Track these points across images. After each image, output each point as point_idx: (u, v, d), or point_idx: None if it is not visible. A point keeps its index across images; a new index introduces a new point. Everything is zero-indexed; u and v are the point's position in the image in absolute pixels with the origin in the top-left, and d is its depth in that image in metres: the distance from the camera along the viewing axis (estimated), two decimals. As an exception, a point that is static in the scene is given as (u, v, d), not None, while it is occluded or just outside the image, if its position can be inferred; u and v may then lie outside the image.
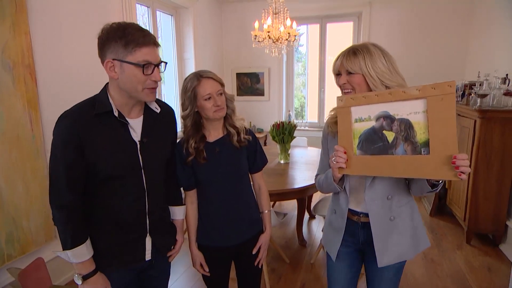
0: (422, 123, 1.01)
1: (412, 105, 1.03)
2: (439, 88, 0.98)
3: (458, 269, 2.52)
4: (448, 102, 0.97)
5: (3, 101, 1.93)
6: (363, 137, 1.12)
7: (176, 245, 1.41)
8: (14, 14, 1.95)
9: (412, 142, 1.04)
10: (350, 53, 1.21)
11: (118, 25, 1.05)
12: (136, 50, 1.03)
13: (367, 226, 1.29)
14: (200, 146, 1.32)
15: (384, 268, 1.29)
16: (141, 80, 1.07)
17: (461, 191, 3.00)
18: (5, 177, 1.96)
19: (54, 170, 1.08)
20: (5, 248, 1.99)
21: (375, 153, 1.10)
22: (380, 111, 1.09)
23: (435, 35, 4.14)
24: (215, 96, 1.30)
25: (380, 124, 1.09)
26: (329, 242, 1.40)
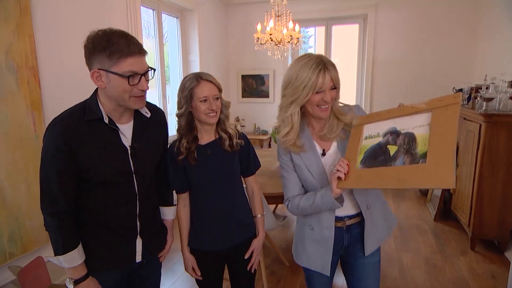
0: (425, 135, 1.02)
1: (418, 119, 1.05)
2: (445, 100, 0.99)
3: (460, 275, 2.48)
4: (451, 112, 0.97)
5: (7, 102, 1.97)
6: (368, 153, 1.13)
7: (166, 245, 1.42)
8: (18, 17, 1.99)
9: (412, 153, 1.03)
10: (332, 67, 1.18)
11: (103, 33, 1.03)
12: (121, 61, 1.02)
13: (351, 228, 1.31)
14: (192, 147, 1.33)
15: (370, 266, 1.33)
16: (127, 90, 1.06)
17: (465, 196, 2.95)
18: (8, 177, 2.00)
19: (45, 177, 1.08)
20: (8, 247, 2.03)
21: (377, 165, 1.09)
22: (388, 127, 1.11)
23: (441, 38, 4.09)
24: (211, 99, 1.30)
25: (386, 139, 1.10)
26: (313, 260, 1.34)
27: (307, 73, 1.15)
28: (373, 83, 4.46)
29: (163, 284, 2.44)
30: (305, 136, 1.29)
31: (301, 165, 1.28)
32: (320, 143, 1.30)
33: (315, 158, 1.27)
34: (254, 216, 1.51)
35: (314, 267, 1.34)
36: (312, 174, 1.26)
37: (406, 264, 2.64)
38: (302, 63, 1.17)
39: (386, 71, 4.37)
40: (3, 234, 1.99)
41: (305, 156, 1.27)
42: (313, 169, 1.26)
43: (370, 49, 4.38)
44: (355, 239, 1.32)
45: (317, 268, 1.34)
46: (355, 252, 1.34)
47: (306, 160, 1.27)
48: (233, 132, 1.39)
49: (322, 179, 1.26)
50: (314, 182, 1.27)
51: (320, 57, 1.17)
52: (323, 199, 1.19)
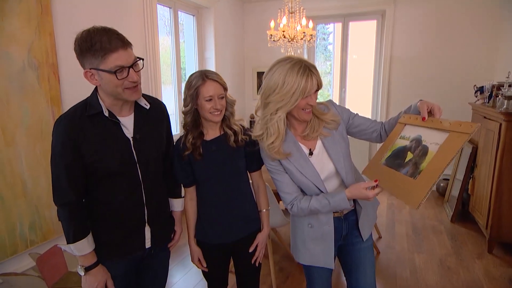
0: (433, 154, 1.05)
1: (438, 135, 1.07)
2: (464, 126, 1.00)
3: (476, 278, 2.41)
4: (459, 140, 0.99)
5: (29, 98, 2.07)
6: (394, 152, 1.19)
7: (175, 235, 1.47)
8: (39, 16, 2.09)
9: (417, 167, 1.07)
10: (315, 68, 1.18)
11: (86, 34, 1.06)
12: (106, 58, 1.05)
13: (349, 216, 1.36)
14: (197, 143, 1.36)
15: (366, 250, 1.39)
16: (118, 84, 1.10)
17: (484, 197, 2.85)
18: (29, 169, 2.11)
19: (55, 170, 1.15)
20: (29, 234, 2.14)
21: (392, 167, 1.17)
22: (417, 134, 1.15)
23: (461, 34, 3.95)
24: (216, 99, 1.32)
25: (410, 145, 1.15)
26: (315, 257, 1.35)
27: (295, 79, 1.12)
28: (390, 80, 4.37)
29: (175, 277, 2.50)
30: (289, 139, 1.29)
31: (292, 169, 1.28)
32: (305, 143, 1.31)
33: (304, 159, 1.28)
34: (259, 211, 1.53)
35: (318, 263, 1.36)
36: (304, 176, 1.27)
37: (418, 265, 2.59)
38: (287, 67, 1.14)
39: (404, 68, 4.26)
40: (24, 222, 2.11)
41: (294, 159, 1.27)
42: (304, 171, 1.27)
43: (388, 46, 4.28)
44: (352, 226, 1.38)
45: (320, 264, 1.36)
46: (352, 239, 1.39)
47: (296, 162, 1.27)
48: (238, 128, 1.41)
49: (315, 178, 1.28)
50: (308, 183, 1.28)
51: (302, 60, 1.16)
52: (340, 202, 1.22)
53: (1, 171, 1.97)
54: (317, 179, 1.27)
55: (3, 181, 1.98)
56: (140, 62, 1.15)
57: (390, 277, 2.43)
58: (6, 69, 1.95)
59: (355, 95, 4.83)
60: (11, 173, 2.02)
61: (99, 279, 1.22)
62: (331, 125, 1.30)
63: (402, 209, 3.70)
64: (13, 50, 1.97)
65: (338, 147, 1.30)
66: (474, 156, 3.22)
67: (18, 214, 2.07)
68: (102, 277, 1.22)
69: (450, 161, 0.99)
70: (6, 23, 1.93)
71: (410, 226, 3.29)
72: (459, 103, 3.99)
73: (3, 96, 1.94)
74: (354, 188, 1.19)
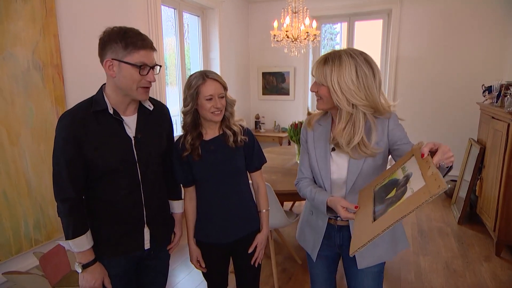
0: (403, 200, 0.92)
1: (419, 182, 0.90)
2: (436, 182, 0.83)
3: (482, 282, 2.36)
4: (422, 197, 0.85)
5: (33, 98, 2.10)
6: (388, 182, 1.06)
7: (175, 238, 1.46)
8: (44, 17, 2.12)
9: (386, 209, 0.95)
10: (321, 62, 1.14)
11: (119, 28, 1.14)
12: (134, 52, 1.12)
13: (343, 229, 1.29)
14: (196, 143, 1.36)
15: (364, 274, 1.28)
16: (137, 79, 1.14)
17: (491, 199, 2.80)
18: (34, 168, 2.14)
19: (56, 165, 1.16)
20: (33, 233, 2.17)
21: (375, 199, 1.05)
22: (411, 171, 0.99)
23: (469, 33, 3.88)
24: (216, 98, 1.32)
25: (401, 181, 1.00)
26: (307, 242, 1.40)
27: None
28: (396, 80, 4.32)
29: (177, 276, 2.50)
30: (325, 127, 1.28)
31: (311, 154, 1.29)
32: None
33: (325, 151, 1.25)
34: (259, 211, 1.52)
35: (306, 247, 1.40)
36: (318, 165, 1.27)
37: (423, 268, 2.55)
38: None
39: (410, 68, 4.21)
40: (29, 221, 2.13)
41: (317, 146, 1.27)
42: (320, 162, 1.26)
43: (394, 46, 4.24)
44: (347, 241, 1.28)
45: (308, 249, 1.39)
46: (348, 256, 1.30)
47: (317, 149, 1.27)
48: (237, 129, 1.41)
49: (325, 173, 1.26)
50: (318, 173, 1.28)
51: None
52: (319, 204, 1.22)
53: (6, 171, 1.99)
54: (326, 175, 1.24)
55: (8, 181, 2.01)
56: (158, 67, 1.21)
57: (394, 280, 2.40)
58: (11, 70, 1.98)
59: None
60: (15, 173, 2.04)
61: (97, 277, 1.22)
62: (366, 154, 1.17)
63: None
64: (18, 51, 2.00)
65: (362, 162, 1.19)
66: (482, 157, 3.16)
67: (23, 213, 2.10)
68: (99, 275, 1.23)
69: (402, 218, 0.86)
70: (11, 24, 1.96)
71: (416, 228, 3.24)
72: (467, 103, 3.93)
73: (8, 96, 1.97)
74: (334, 200, 1.14)
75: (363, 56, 1.12)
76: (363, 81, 1.10)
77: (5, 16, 1.93)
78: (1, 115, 1.95)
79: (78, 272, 1.22)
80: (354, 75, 1.09)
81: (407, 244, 1.33)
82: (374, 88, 1.12)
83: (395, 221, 0.87)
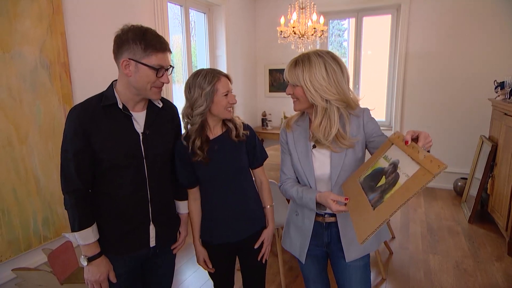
0: (399, 186, 0.95)
1: (412, 167, 0.94)
2: (433, 163, 0.87)
3: (494, 282, 2.31)
4: (423, 180, 0.88)
5: (41, 96, 2.11)
6: (372, 172, 1.10)
7: (180, 237, 1.46)
8: (51, 15, 2.12)
9: (382, 196, 0.98)
10: (292, 65, 1.21)
11: (138, 28, 1.15)
12: (153, 55, 1.14)
13: (331, 226, 1.31)
14: (205, 148, 1.33)
15: (352, 269, 1.31)
16: (152, 80, 1.17)
17: (504, 197, 2.74)
18: (42, 166, 2.15)
19: (64, 157, 1.17)
20: (42, 230, 2.19)
21: (364, 188, 1.08)
22: (397, 158, 1.03)
23: (480, 28, 3.78)
24: (231, 94, 1.35)
25: (388, 169, 1.04)
26: (293, 245, 1.39)
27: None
28: (405, 76, 4.25)
29: (184, 274, 2.51)
30: (303, 127, 1.33)
31: (293, 154, 1.33)
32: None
33: (306, 149, 1.30)
34: (263, 207, 1.51)
35: (294, 252, 1.40)
36: (300, 164, 1.30)
37: (433, 267, 2.51)
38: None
39: (419, 64, 4.13)
40: (38, 218, 2.16)
41: (298, 145, 1.32)
42: (302, 160, 1.30)
43: (403, 41, 4.16)
44: (335, 238, 1.32)
45: (295, 253, 1.39)
46: (336, 252, 1.33)
47: (298, 148, 1.31)
48: (239, 122, 1.41)
49: (309, 171, 1.29)
50: (301, 172, 1.30)
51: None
52: (308, 201, 1.23)
53: (15, 169, 2.01)
54: (310, 173, 1.28)
55: (17, 178, 2.03)
56: (171, 68, 1.23)
57: (403, 279, 2.37)
58: (19, 68, 1.99)
59: (369, 92, 4.73)
60: (24, 171, 2.06)
61: (102, 270, 1.22)
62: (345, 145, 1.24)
63: (417, 208, 3.60)
64: (25, 49, 2.01)
65: (343, 157, 1.25)
66: (494, 154, 3.09)
67: (32, 211, 2.12)
68: (104, 268, 1.23)
69: (407, 200, 0.88)
70: (18, 23, 1.97)
71: (425, 226, 3.19)
72: (478, 99, 3.85)
73: (16, 95, 1.99)
74: (324, 195, 1.17)
75: (330, 55, 1.20)
76: (332, 77, 1.17)
77: (13, 15, 1.94)
78: (10, 114, 1.97)
79: (84, 265, 1.22)
80: (324, 72, 1.16)
81: (389, 235, 1.44)
82: (343, 83, 1.19)
83: (400, 205, 0.90)
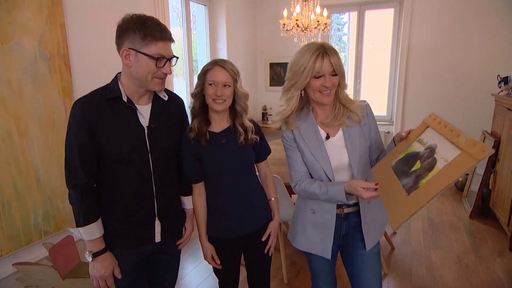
0: (437, 170, 0.93)
1: (451, 151, 0.93)
2: (478, 148, 0.86)
3: (496, 277, 2.31)
4: (465, 164, 0.86)
5: (41, 89, 2.08)
6: (406, 156, 1.08)
7: (185, 233, 1.44)
8: (50, 6, 2.08)
9: (417, 181, 0.97)
10: (333, 51, 1.19)
11: (138, 17, 1.11)
12: (152, 43, 1.10)
13: (349, 216, 1.32)
14: (203, 129, 1.33)
15: (369, 256, 1.32)
16: (152, 70, 1.13)
17: (506, 193, 2.73)
18: (42, 160, 2.12)
19: (69, 152, 1.15)
20: (42, 224, 2.17)
21: (397, 173, 1.06)
22: (434, 142, 1.01)
23: (484, 22, 3.74)
24: (220, 86, 1.29)
25: (423, 153, 1.02)
26: (313, 243, 1.36)
27: (305, 58, 1.19)
28: (407, 71, 4.21)
29: (186, 269, 2.50)
30: (310, 121, 1.31)
31: (304, 149, 1.30)
32: (324, 128, 1.31)
33: (318, 142, 1.28)
34: (268, 200, 1.51)
35: (315, 250, 1.36)
36: (315, 158, 1.28)
37: (435, 263, 2.51)
38: (304, 49, 1.22)
39: (422, 58, 4.10)
40: (38, 212, 2.13)
41: (308, 140, 1.29)
42: (316, 153, 1.28)
43: (405, 35, 4.12)
44: (353, 228, 1.33)
45: (317, 251, 1.35)
46: (354, 242, 1.34)
47: (309, 143, 1.29)
48: (249, 126, 1.38)
49: (326, 164, 1.27)
50: (317, 166, 1.28)
51: (322, 44, 1.20)
52: (337, 193, 1.20)
53: (15, 162, 1.99)
54: (327, 165, 1.27)
55: (17, 172, 2.00)
56: (175, 59, 1.19)
57: (405, 274, 2.37)
58: (18, 60, 1.95)
59: (370, 86, 4.70)
60: (25, 164, 2.03)
61: (107, 266, 1.21)
62: (356, 116, 1.29)
63: (418, 204, 3.59)
64: (24, 41, 1.97)
65: (358, 142, 1.28)
66: (497, 150, 3.08)
67: (32, 204, 2.09)
68: (109, 264, 1.22)
69: (448, 185, 0.87)
70: (18, 14, 1.92)
71: (427, 221, 3.19)
72: (481, 95, 3.82)
73: (16, 88, 1.95)
74: (352, 183, 1.16)
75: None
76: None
77: (12, 6, 1.89)
78: (10, 107, 1.93)
79: (89, 260, 1.21)
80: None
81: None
82: None
83: (438, 192, 0.89)
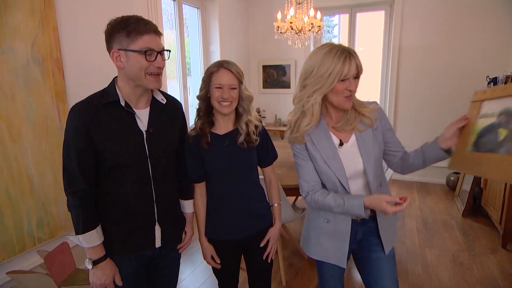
0: None
1: None
2: None
3: (490, 274, 2.36)
4: None
5: (34, 94, 2.04)
6: (480, 134, 1.04)
7: (186, 237, 1.43)
8: (42, 10, 2.04)
9: None
10: (355, 53, 1.16)
11: (121, 18, 1.11)
12: (138, 38, 1.09)
13: (365, 222, 1.30)
14: (206, 130, 1.33)
15: (386, 259, 1.31)
16: (144, 66, 1.11)
17: (497, 191, 2.79)
18: (35, 165, 2.08)
19: (67, 157, 1.13)
20: (36, 232, 2.12)
21: (485, 151, 1.01)
22: (504, 106, 0.98)
23: (474, 23, 3.83)
24: (226, 89, 1.29)
25: (499, 121, 0.99)
26: (328, 252, 1.33)
27: (332, 60, 1.12)
28: (399, 72, 4.28)
29: (183, 273, 2.48)
30: (321, 127, 1.27)
31: (317, 157, 1.26)
32: (337, 134, 1.28)
33: (331, 150, 1.24)
34: (271, 205, 1.50)
35: (330, 260, 1.33)
36: (328, 166, 1.24)
37: (430, 261, 2.54)
38: (325, 51, 1.15)
39: (413, 60, 4.16)
40: (32, 219, 2.09)
41: (321, 147, 1.25)
42: (329, 161, 1.23)
43: (396, 37, 4.19)
44: (369, 232, 1.31)
45: (332, 261, 1.32)
46: (370, 246, 1.32)
47: (322, 151, 1.24)
48: (252, 128, 1.37)
49: (340, 172, 1.23)
50: (331, 175, 1.24)
51: (342, 46, 1.16)
52: (355, 207, 1.17)
53: (8, 168, 1.94)
54: (341, 173, 1.23)
55: (10, 178, 1.96)
56: (167, 53, 1.18)
57: (401, 273, 2.39)
58: (11, 64, 1.91)
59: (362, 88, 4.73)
60: (17, 170, 1.99)
61: (107, 273, 1.19)
62: (368, 120, 1.25)
63: (411, 203, 3.64)
64: (17, 44, 1.93)
65: (371, 147, 1.24)
66: None
67: (26, 211, 2.05)
68: (110, 271, 1.20)
69: None
70: (10, 16, 1.88)
71: (421, 220, 3.24)
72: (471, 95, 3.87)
73: (8, 92, 1.91)
74: (375, 199, 1.13)
75: None
76: None
77: (4, 8, 1.86)
78: (2, 111, 1.89)
79: (89, 268, 1.19)
80: None
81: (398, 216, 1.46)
82: None
83: None
